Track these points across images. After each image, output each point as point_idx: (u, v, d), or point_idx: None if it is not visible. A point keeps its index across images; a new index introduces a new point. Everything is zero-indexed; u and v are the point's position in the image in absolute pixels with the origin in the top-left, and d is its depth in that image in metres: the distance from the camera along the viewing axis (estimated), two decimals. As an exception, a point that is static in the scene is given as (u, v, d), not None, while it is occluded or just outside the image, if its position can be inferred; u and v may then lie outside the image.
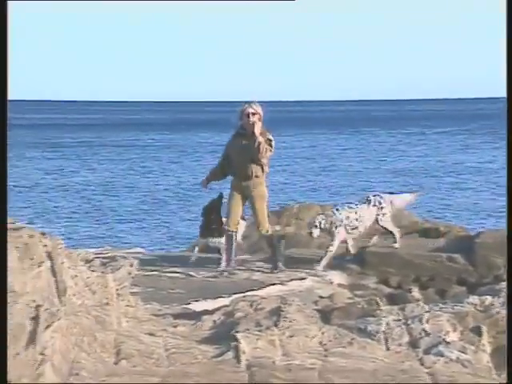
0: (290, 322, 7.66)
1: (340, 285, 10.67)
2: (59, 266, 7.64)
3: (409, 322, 7.69)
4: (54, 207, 27.34)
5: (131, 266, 9.08)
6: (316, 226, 10.87)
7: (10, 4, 6.65)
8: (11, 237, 7.51)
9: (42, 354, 6.74)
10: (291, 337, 7.52)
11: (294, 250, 12.21)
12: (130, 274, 9.12)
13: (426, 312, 7.78)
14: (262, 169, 10.60)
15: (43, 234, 7.77)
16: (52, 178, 37.54)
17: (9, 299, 6.96)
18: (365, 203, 11.30)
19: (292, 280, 10.41)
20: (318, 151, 53.81)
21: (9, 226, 7.71)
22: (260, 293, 9.37)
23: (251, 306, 8.11)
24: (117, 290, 8.09)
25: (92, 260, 8.81)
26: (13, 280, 7.22)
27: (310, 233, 11.00)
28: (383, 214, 11.21)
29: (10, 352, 6.63)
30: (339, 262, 11.38)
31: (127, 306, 8.05)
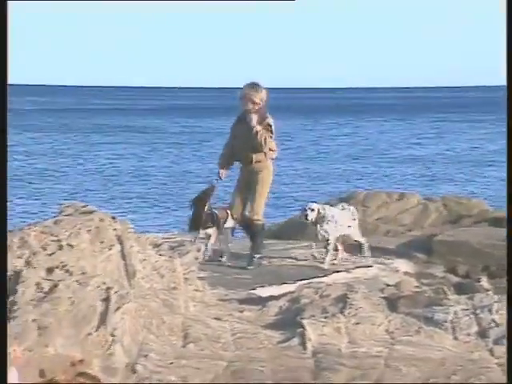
0: (356, 309, 7.67)
1: (406, 273, 10.61)
2: (128, 250, 7.77)
3: (477, 311, 7.63)
4: (124, 192, 27.65)
5: (198, 251, 9.19)
6: (312, 210, 10.70)
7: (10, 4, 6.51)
8: (83, 220, 7.67)
9: (112, 334, 6.86)
10: (357, 324, 7.52)
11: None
12: (197, 258, 9.24)
13: (496, 302, 7.72)
14: (265, 154, 10.26)
15: (113, 217, 7.91)
16: (120, 163, 37.99)
17: (80, 281, 7.10)
18: (343, 209, 10.81)
19: (357, 267, 10.38)
20: (376, 139, 53.36)
21: (81, 209, 7.87)
22: (325, 280, 9.37)
23: (316, 292, 8.13)
24: (184, 274, 8.19)
25: (160, 244, 8.95)
26: (84, 262, 7.38)
27: (306, 215, 10.75)
28: (355, 227, 10.76)
29: (82, 332, 6.76)
30: (406, 251, 11.32)
31: (194, 290, 8.13)
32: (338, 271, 10.24)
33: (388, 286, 9.08)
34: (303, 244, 11.55)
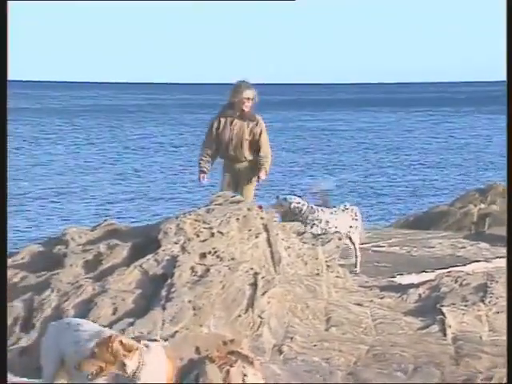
0: (496, 298, 7.84)
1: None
2: (274, 238, 8.18)
3: None
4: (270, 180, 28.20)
5: (340, 239, 9.52)
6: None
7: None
8: (232, 209, 8.12)
9: (260, 317, 7.28)
10: (498, 313, 7.69)
11: (496, 228, 12.24)
12: (338, 247, 9.58)
13: None
14: (256, 152, 9.92)
15: (260, 207, 8.34)
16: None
17: (230, 266, 7.55)
18: (343, 210, 10.21)
19: (497, 257, 10.49)
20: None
21: (230, 199, 8.33)
22: (465, 269, 9.55)
23: (456, 281, 8.34)
24: (326, 261, 8.56)
25: (303, 233, 9.34)
26: (233, 249, 7.83)
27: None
28: (356, 227, 10.13)
29: (233, 314, 7.21)
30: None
31: (336, 276, 8.49)
32: (477, 261, 10.39)
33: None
34: (442, 234, 11.74)
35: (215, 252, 7.68)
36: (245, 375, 6.17)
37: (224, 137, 10.03)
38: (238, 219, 8.05)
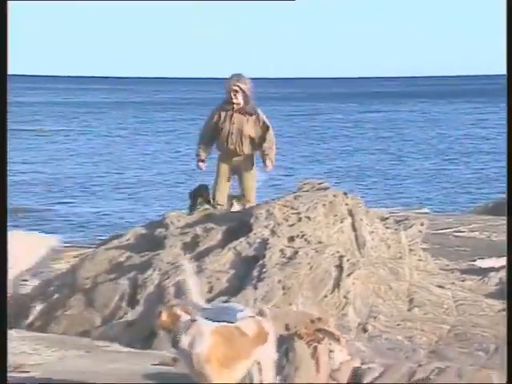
0: None
1: None
2: (359, 223, 8.56)
3: None
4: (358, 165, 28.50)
5: (422, 224, 9.84)
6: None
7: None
8: (319, 195, 8.54)
9: (345, 297, 7.69)
10: None
11: None
12: (420, 231, 9.90)
13: None
14: (259, 144, 9.86)
15: (345, 193, 8.73)
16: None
17: (317, 249, 7.96)
18: None
19: None
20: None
21: (317, 186, 8.76)
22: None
23: (536, 265, 8.57)
24: (409, 245, 8.90)
25: (386, 218, 9.69)
26: (320, 232, 8.25)
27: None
28: None
29: (319, 294, 7.63)
30: None
31: (418, 260, 8.83)
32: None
33: None
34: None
35: (303, 235, 8.10)
36: (331, 351, 6.46)
37: (223, 130, 9.98)
38: (324, 205, 8.45)
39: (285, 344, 6.30)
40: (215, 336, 5.13)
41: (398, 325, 7.71)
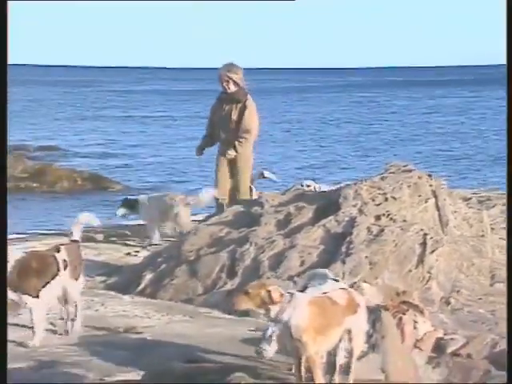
0: None
1: None
2: (442, 202, 8.92)
3: None
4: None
5: (504, 205, 10.13)
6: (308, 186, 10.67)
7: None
8: (404, 177, 8.96)
9: (428, 272, 8.05)
10: None
11: None
12: (502, 212, 10.21)
13: None
14: (242, 133, 9.97)
15: (429, 175, 9.13)
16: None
17: (402, 227, 8.40)
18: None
19: None
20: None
21: (402, 168, 9.17)
22: None
23: None
24: (491, 224, 9.21)
25: (469, 199, 10.03)
26: (405, 212, 8.68)
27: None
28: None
29: (404, 269, 8.04)
30: None
31: (500, 238, 9.12)
32: None
33: None
34: None
35: (388, 214, 8.51)
36: (416, 322, 6.75)
37: (216, 120, 10.16)
38: (409, 186, 8.84)
39: (372, 315, 6.47)
40: (311, 306, 5.45)
41: (480, 299, 7.95)
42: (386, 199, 8.68)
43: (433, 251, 8.18)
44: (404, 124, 39.59)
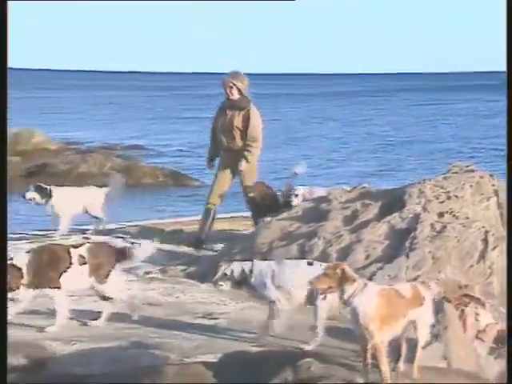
0: None
1: None
2: (503, 201, 9.13)
3: None
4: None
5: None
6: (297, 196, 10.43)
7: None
8: (466, 176, 9.23)
9: (490, 268, 8.28)
10: None
11: None
12: None
13: None
14: (250, 142, 10.07)
15: (491, 175, 9.40)
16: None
17: (464, 224, 8.66)
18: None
19: None
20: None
21: (465, 168, 9.43)
22: None
23: None
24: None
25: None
26: (467, 210, 8.94)
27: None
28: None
29: (466, 264, 8.31)
30: None
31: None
32: None
33: None
34: None
35: (451, 212, 8.77)
36: (477, 314, 6.94)
37: (218, 127, 10.27)
38: (471, 185, 9.11)
39: (435, 307, 6.63)
40: (380, 297, 5.72)
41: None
42: (449, 197, 8.94)
43: (494, 248, 8.40)
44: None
